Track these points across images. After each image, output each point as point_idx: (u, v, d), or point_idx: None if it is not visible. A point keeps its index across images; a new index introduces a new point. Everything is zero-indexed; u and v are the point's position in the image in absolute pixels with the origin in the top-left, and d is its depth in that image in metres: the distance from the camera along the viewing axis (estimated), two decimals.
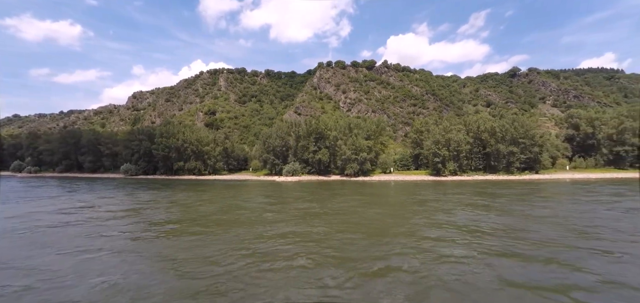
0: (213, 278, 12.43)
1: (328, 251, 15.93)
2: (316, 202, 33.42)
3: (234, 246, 17.07)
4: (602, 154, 74.67)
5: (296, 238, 18.47)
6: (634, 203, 28.48)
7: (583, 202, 30.59)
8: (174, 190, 49.63)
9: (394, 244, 17.06)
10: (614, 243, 16.23)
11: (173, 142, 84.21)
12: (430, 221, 23.08)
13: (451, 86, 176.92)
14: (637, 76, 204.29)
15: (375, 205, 31.06)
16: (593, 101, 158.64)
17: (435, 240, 17.77)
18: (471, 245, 16.75)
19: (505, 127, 69.63)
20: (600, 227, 19.70)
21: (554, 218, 23.25)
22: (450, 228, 20.55)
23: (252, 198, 38.47)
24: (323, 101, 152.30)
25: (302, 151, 77.42)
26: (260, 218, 24.77)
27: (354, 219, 23.92)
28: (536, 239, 17.37)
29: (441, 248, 16.11)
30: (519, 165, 68.85)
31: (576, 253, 14.93)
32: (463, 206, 29.19)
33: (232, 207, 30.23)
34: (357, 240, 18.00)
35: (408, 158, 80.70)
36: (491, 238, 17.91)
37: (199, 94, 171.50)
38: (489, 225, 21.26)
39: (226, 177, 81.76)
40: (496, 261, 13.97)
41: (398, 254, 15.33)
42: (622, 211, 24.74)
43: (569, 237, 17.68)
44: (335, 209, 28.61)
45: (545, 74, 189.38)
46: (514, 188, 46.26)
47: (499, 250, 15.63)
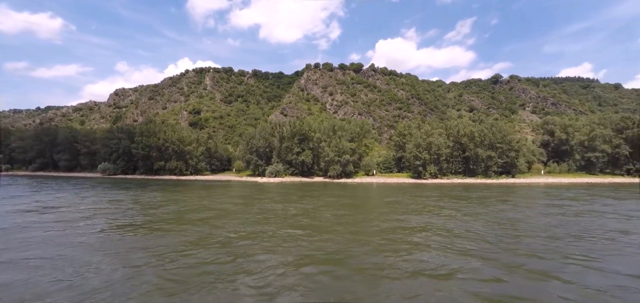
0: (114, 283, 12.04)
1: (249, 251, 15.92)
2: (285, 203, 33.11)
3: (166, 248, 16.74)
4: (575, 160, 77.69)
5: (236, 239, 18.31)
6: (582, 207, 29.64)
7: (537, 206, 31.62)
8: (145, 190, 48.14)
9: (315, 243, 17.26)
10: (536, 241, 16.89)
11: (154, 141, 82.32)
12: (381, 221, 23.37)
13: (436, 90, 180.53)
14: (610, 85, 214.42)
15: (340, 206, 30.68)
16: (570, 109, 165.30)
17: (372, 236, 18.08)
18: (413, 240, 17.23)
19: (483, 132, 71.56)
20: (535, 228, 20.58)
21: (496, 219, 24.06)
22: (395, 229, 20.82)
23: (222, 199, 37.55)
24: (310, 103, 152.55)
25: (286, 152, 77.20)
26: (213, 219, 24.25)
27: (306, 221, 23.45)
28: (474, 236, 17.99)
29: (376, 245, 16.44)
30: (497, 169, 70.85)
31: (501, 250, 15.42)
32: (426, 207, 29.70)
33: (197, 208, 29.31)
34: (297, 239, 18.13)
35: (391, 161, 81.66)
36: (433, 237, 18.31)
37: (183, 92, 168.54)
38: (437, 225, 21.76)
39: (208, 177, 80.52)
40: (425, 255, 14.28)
41: (309, 250, 15.68)
42: (564, 215, 25.65)
43: (502, 236, 18.40)
44: (300, 210, 28.44)
45: (526, 81, 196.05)
46: (483, 191, 47.39)
47: (436, 247, 15.94)
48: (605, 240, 17.51)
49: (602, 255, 14.69)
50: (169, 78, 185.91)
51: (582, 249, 15.71)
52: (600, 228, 20.59)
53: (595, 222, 22.51)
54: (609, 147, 73.94)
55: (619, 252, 15.36)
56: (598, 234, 18.81)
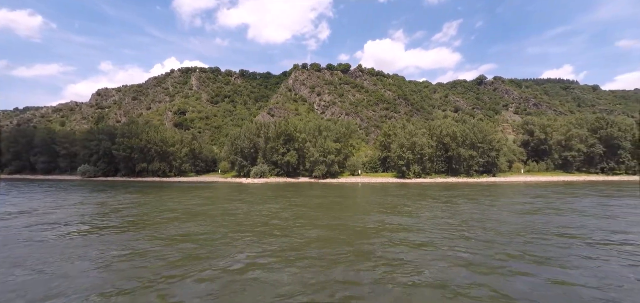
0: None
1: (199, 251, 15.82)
2: (255, 204, 32.72)
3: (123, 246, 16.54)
4: (553, 159, 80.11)
5: (191, 238, 18.24)
6: (539, 205, 30.60)
7: (496, 204, 32.43)
8: (118, 192, 46.83)
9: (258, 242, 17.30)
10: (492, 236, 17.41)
11: (135, 142, 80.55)
12: (338, 219, 23.54)
13: (422, 91, 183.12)
14: (588, 87, 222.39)
15: (311, 206, 30.52)
16: (550, 109, 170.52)
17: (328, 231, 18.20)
18: (377, 237, 17.42)
19: (465, 132, 72.98)
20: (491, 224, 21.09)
21: (454, 217, 24.58)
22: (356, 226, 21.03)
23: (194, 200, 36.76)
24: (298, 103, 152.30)
25: (271, 153, 76.81)
26: (168, 222, 23.81)
27: (262, 220, 23.35)
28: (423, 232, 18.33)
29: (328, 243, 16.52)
30: (478, 168, 72.38)
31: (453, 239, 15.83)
32: (397, 207, 30.01)
33: (162, 210, 28.66)
34: (243, 239, 18.09)
35: (376, 161, 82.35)
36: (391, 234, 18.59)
37: (169, 92, 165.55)
38: (398, 222, 22.07)
39: (192, 179, 79.34)
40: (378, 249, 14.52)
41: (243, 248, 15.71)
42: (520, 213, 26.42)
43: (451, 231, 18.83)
44: (266, 210, 28.20)
45: (509, 82, 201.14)
46: (456, 190, 48.23)
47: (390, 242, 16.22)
48: (547, 238, 18.07)
49: (549, 254, 15.19)
50: (154, 78, 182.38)
51: (521, 244, 16.23)
52: (548, 225, 21.24)
53: (542, 219, 23.22)
54: (585, 146, 76.58)
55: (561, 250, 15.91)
56: (542, 231, 19.35)
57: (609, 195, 37.61)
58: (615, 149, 75.51)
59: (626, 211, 26.04)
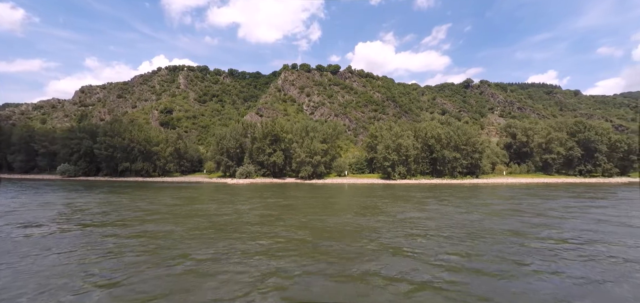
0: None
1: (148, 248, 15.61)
2: (229, 204, 32.05)
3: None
4: (534, 161, 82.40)
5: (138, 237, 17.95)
6: (504, 206, 31.43)
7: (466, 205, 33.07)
8: (91, 191, 45.25)
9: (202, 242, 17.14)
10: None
11: (118, 141, 78.69)
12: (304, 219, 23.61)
13: (411, 93, 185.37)
14: (570, 92, 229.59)
15: (277, 207, 30.39)
16: (534, 113, 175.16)
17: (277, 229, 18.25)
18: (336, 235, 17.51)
19: (449, 134, 74.21)
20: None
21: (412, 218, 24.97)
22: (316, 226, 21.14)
23: (170, 200, 35.94)
24: (287, 104, 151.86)
25: (258, 153, 76.31)
26: (138, 219, 23.40)
27: (223, 220, 22.97)
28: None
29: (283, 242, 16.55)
30: (461, 170, 73.68)
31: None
32: (366, 208, 30.18)
33: (132, 209, 28.24)
34: (198, 237, 17.99)
35: (363, 162, 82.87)
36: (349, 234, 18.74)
37: (155, 91, 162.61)
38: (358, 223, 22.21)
39: (176, 179, 78.01)
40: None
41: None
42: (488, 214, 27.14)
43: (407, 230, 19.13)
44: (236, 210, 27.87)
45: (495, 86, 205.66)
46: (439, 190, 49.05)
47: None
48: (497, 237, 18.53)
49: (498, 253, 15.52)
50: (140, 76, 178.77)
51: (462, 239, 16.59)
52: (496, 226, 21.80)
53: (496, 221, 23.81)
54: (564, 149, 79.01)
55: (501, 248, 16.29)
56: (496, 232, 19.82)
57: (577, 196, 38.80)
58: (592, 152, 78.17)
59: (567, 212, 26.62)
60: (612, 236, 17.89)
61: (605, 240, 17.16)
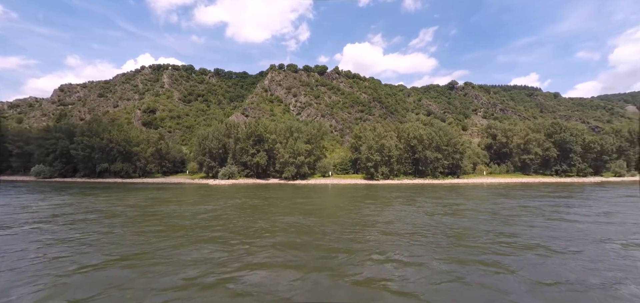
0: None
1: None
2: (194, 204, 31.63)
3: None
4: (513, 162, 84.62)
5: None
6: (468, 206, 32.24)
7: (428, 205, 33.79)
8: (59, 193, 43.15)
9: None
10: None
11: (96, 141, 76.42)
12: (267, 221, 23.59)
13: (397, 94, 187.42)
14: (550, 94, 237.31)
15: (247, 207, 30.02)
16: (515, 114, 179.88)
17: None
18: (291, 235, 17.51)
19: (431, 135, 75.37)
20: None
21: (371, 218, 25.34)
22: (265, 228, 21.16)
23: (135, 200, 34.99)
24: (273, 104, 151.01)
25: (241, 153, 75.56)
26: (87, 220, 22.91)
27: (172, 221, 22.98)
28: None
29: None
30: (443, 170, 74.96)
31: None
32: (335, 208, 30.34)
33: (90, 210, 27.54)
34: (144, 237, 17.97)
35: (347, 163, 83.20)
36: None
37: (138, 90, 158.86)
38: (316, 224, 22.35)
39: (157, 180, 76.34)
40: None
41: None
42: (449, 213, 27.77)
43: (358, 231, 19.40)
44: (197, 210, 27.55)
45: (479, 88, 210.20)
46: (414, 190, 49.78)
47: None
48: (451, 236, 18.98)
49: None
50: (123, 74, 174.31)
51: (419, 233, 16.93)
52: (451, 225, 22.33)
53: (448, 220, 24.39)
54: (541, 150, 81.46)
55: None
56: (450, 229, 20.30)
57: (543, 196, 40.06)
58: (567, 153, 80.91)
59: (518, 213, 27.38)
60: (552, 234, 18.51)
61: (540, 235, 17.92)
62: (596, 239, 17.15)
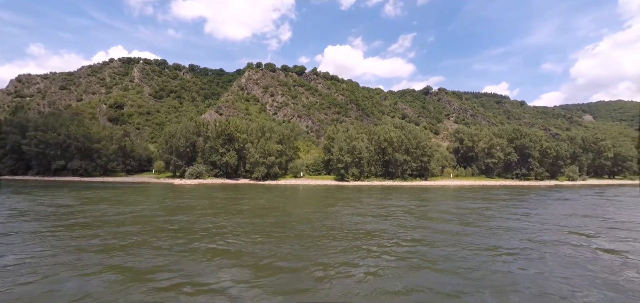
0: None
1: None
2: (131, 204, 30.48)
3: None
4: (478, 165, 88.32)
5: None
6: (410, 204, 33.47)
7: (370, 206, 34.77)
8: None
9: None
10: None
11: (51, 137, 71.60)
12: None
13: (374, 97, 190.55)
14: (517, 102, 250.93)
15: (192, 207, 29.19)
16: (484, 120, 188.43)
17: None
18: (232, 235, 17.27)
19: (401, 138, 77.08)
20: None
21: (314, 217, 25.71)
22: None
23: (68, 200, 33.29)
24: (249, 103, 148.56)
25: (210, 152, 73.66)
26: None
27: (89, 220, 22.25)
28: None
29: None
30: (412, 172, 76.88)
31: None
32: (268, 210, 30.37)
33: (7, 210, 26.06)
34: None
35: (320, 163, 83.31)
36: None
37: (105, 84, 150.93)
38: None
39: (120, 179, 72.69)
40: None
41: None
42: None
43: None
44: (132, 211, 26.57)
45: (451, 94, 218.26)
46: (375, 192, 50.73)
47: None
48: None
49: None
50: (88, 66, 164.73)
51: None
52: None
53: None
54: (503, 154, 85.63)
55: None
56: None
57: (488, 199, 42.11)
58: (526, 158, 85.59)
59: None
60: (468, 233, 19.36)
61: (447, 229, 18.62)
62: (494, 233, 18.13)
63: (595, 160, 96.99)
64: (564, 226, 22.15)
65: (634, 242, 17.53)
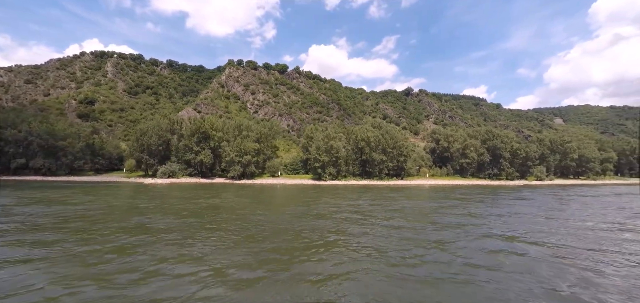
0: None
1: None
2: (80, 205, 29.29)
3: None
4: (453, 165, 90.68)
5: None
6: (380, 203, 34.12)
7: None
8: None
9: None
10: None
11: (11, 134, 67.31)
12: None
13: (356, 97, 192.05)
14: (493, 105, 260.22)
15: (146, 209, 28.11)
16: (462, 122, 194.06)
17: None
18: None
19: (378, 138, 77.92)
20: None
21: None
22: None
23: (9, 200, 32.09)
24: (229, 101, 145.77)
25: (185, 151, 71.64)
26: None
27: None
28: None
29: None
30: (388, 172, 77.88)
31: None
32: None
33: None
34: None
35: (298, 163, 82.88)
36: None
37: (76, 78, 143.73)
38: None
39: (87, 178, 69.25)
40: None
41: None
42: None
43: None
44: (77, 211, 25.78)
45: (432, 95, 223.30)
46: (348, 191, 51.11)
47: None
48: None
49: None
50: (57, 59, 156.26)
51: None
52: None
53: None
54: (476, 155, 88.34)
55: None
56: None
57: (444, 198, 43.35)
58: (498, 158, 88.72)
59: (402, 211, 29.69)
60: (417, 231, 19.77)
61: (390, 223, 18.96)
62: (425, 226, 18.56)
63: (562, 161, 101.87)
64: (490, 225, 22.62)
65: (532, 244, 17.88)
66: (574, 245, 17.06)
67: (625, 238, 18.98)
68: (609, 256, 14.99)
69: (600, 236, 19.34)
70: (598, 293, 10.66)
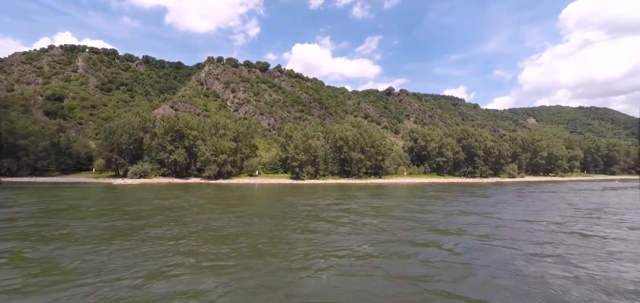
0: None
1: None
2: (23, 207, 27.64)
3: None
4: (430, 163, 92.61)
5: None
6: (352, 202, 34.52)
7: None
8: None
9: None
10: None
11: None
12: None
13: (338, 97, 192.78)
14: (471, 105, 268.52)
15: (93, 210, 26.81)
16: (441, 121, 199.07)
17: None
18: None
19: (356, 137, 78.34)
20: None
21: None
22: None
23: None
24: (209, 99, 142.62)
25: (158, 150, 69.23)
26: None
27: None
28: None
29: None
30: (366, 171, 78.51)
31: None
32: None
33: None
34: None
35: (277, 162, 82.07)
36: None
37: (43, 73, 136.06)
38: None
39: (51, 179, 65.66)
40: None
41: None
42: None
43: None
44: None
45: (412, 95, 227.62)
46: (324, 190, 51.24)
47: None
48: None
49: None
50: (23, 53, 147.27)
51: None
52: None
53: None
54: (452, 153, 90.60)
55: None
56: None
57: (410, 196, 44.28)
58: (472, 157, 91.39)
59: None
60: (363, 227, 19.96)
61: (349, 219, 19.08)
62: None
63: (533, 159, 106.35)
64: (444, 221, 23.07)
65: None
66: (492, 239, 17.42)
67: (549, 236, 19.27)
68: (522, 251, 15.24)
69: (525, 232, 19.76)
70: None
